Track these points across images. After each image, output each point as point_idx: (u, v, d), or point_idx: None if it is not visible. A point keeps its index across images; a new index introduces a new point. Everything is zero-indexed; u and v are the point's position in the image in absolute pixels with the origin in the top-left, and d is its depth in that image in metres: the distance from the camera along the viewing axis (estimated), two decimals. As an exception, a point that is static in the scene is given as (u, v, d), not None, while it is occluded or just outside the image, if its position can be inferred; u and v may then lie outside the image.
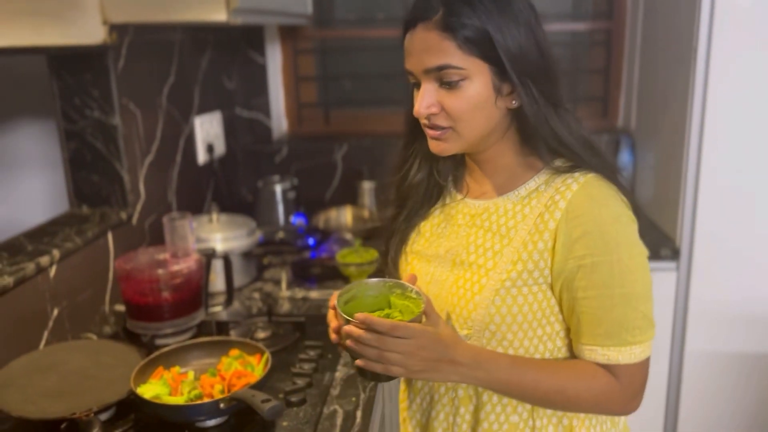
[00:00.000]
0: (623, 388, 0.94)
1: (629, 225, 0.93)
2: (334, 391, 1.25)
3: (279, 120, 2.66)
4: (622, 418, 1.09)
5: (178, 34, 2.03)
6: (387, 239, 1.15)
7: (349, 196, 2.47)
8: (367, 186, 2.40)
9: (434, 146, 0.98)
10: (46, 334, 1.39)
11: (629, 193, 0.97)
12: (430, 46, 0.90)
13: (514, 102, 0.94)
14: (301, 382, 1.24)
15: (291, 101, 2.68)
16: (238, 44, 2.50)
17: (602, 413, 1.00)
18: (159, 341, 1.41)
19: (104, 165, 1.69)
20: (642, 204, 2.35)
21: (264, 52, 2.54)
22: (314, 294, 1.71)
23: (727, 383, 2.06)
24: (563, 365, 0.97)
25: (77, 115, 1.65)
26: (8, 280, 1.27)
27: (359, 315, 0.86)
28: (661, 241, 2.05)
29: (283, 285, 1.77)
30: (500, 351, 0.98)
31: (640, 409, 1.01)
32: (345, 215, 2.35)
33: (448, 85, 0.91)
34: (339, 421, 1.16)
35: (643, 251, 0.94)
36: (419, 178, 1.08)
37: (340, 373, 1.31)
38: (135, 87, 1.74)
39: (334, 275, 1.81)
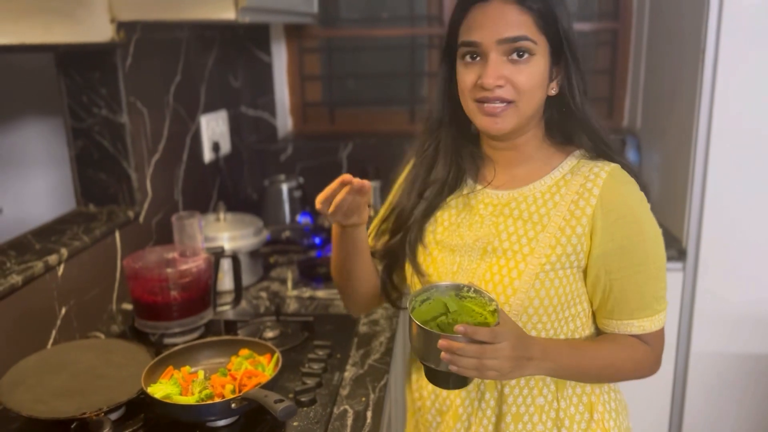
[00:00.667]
0: (654, 352, 1.04)
1: (648, 207, 1.01)
2: (344, 391, 1.25)
3: (284, 119, 2.66)
4: (620, 386, 1.15)
5: (184, 32, 2.02)
6: (398, 229, 1.12)
7: (354, 195, 2.46)
8: (372, 185, 2.39)
9: (490, 123, 0.98)
10: (54, 332, 1.39)
11: (642, 180, 1.03)
12: (508, 18, 0.94)
13: (553, 90, 1.00)
14: (310, 382, 1.24)
15: (296, 100, 2.67)
16: (243, 43, 2.50)
17: (637, 378, 1.06)
18: (167, 340, 1.40)
19: (112, 163, 1.68)
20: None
21: (270, 50, 2.54)
22: (321, 293, 1.71)
23: (732, 384, 2.05)
24: (607, 342, 1.03)
25: (85, 113, 1.65)
26: (17, 278, 1.27)
27: (459, 327, 0.86)
28: (668, 241, 2.03)
29: (290, 284, 1.77)
30: (534, 333, 1.01)
31: (645, 410, 1.06)
32: (350, 214, 2.34)
33: (519, 56, 0.94)
34: (350, 421, 1.16)
35: (660, 230, 1.01)
36: (444, 174, 1.08)
37: (349, 373, 1.31)
38: (142, 85, 1.74)
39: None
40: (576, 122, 1.02)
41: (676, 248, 2.00)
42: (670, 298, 1.04)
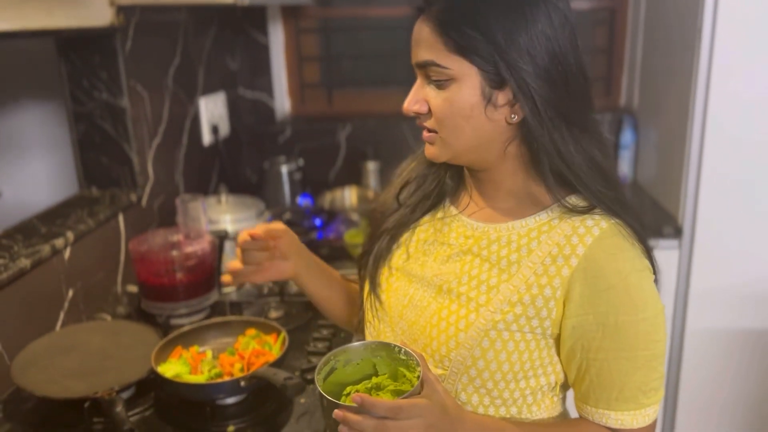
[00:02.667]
0: None
1: (650, 279, 0.84)
2: (349, 369, 1.27)
3: (282, 100, 2.66)
4: None
5: (182, 14, 2.02)
6: (373, 233, 1.02)
7: (353, 176, 2.48)
8: (371, 166, 2.41)
9: (426, 149, 0.90)
10: (62, 315, 1.41)
11: (646, 238, 0.86)
12: (421, 39, 0.83)
13: (513, 116, 0.82)
14: (316, 360, 1.26)
15: (294, 81, 2.67)
16: (240, 24, 2.50)
17: None
18: (174, 321, 1.43)
19: (113, 147, 1.69)
20: (644, 183, 2.38)
21: (266, 31, 2.53)
22: (323, 274, 1.73)
23: (728, 360, 2.09)
24: (571, 430, 0.89)
25: (86, 97, 1.66)
26: (25, 262, 1.28)
27: (355, 396, 0.71)
28: (664, 219, 2.08)
29: (292, 265, 1.79)
30: (476, 399, 0.87)
31: None
32: (350, 196, 2.36)
33: (436, 82, 0.83)
34: (355, 398, 1.19)
35: (662, 307, 0.85)
36: (430, 188, 0.98)
37: (354, 351, 1.34)
38: (142, 68, 1.74)
39: (342, 256, 1.83)
40: (543, 160, 0.84)
41: (672, 226, 2.03)
42: (665, 277, 0.87)
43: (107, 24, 1.59)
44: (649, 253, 0.86)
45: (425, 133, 0.88)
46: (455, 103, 0.82)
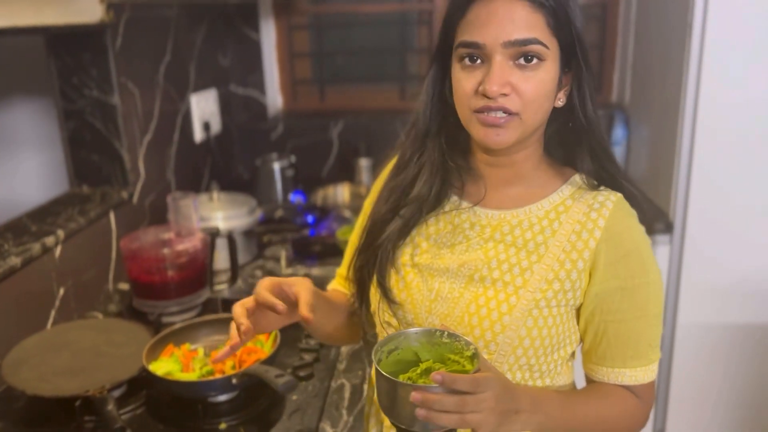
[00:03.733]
0: (645, 405, 0.94)
1: (651, 245, 0.92)
2: (341, 366, 1.28)
3: (274, 97, 2.66)
4: None
5: (173, 10, 2.02)
6: (368, 247, 0.98)
7: (345, 173, 2.49)
8: (363, 163, 2.41)
9: (490, 135, 0.85)
10: (53, 313, 1.41)
11: (645, 211, 0.93)
12: (517, 18, 0.81)
13: (560, 101, 0.88)
14: (308, 357, 1.27)
15: (286, 78, 2.67)
16: (232, 20, 2.49)
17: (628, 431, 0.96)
18: (165, 319, 1.43)
19: (104, 144, 1.69)
20: (636, 178, 2.38)
21: (258, 28, 2.53)
22: (316, 271, 1.73)
23: (718, 354, 2.11)
24: (598, 394, 0.93)
25: (76, 94, 1.65)
26: (16, 260, 1.28)
27: (435, 375, 0.71)
28: (655, 214, 2.09)
29: (283, 263, 1.79)
30: (519, 377, 0.91)
31: None
32: (342, 192, 2.36)
33: (527, 61, 0.82)
34: (347, 394, 1.19)
35: (660, 270, 0.92)
36: (426, 191, 0.95)
37: (346, 348, 1.34)
38: (133, 65, 1.74)
39: (335, 252, 1.83)
40: (583, 139, 0.90)
41: (663, 221, 2.04)
42: None
43: (97, 21, 1.58)
44: (645, 218, 0.93)
45: (496, 117, 0.84)
46: (546, 83, 0.84)
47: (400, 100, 2.67)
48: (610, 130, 2.44)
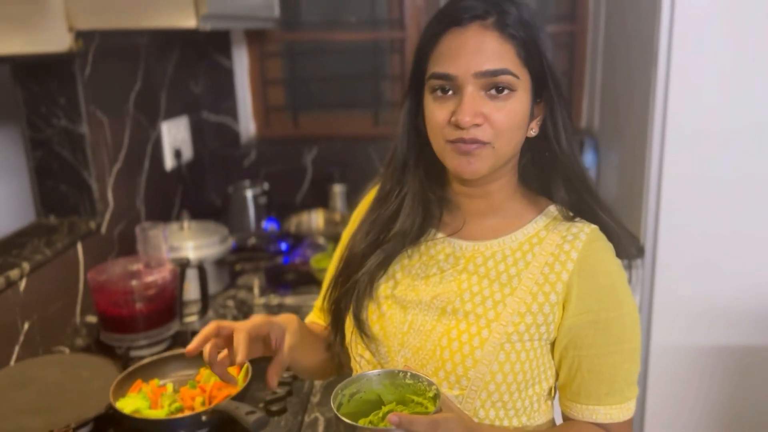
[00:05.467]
0: None
1: (626, 279, 0.91)
2: (315, 399, 1.26)
3: (247, 124, 2.65)
4: None
5: (144, 38, 2.00)
6: (346, 280, 0.97)
7: (320, 199, 2.47)
8: (337, 189, 2.40)
9: (463, 164, 0.85)
10: (17, 348, 1.37)
11: (623, 244, 0.93)
12: (487, 48, 0.82)
13: (533, 131, 0.89)
14: (280, 390, 1.24)
15: (259, 104, 2.66)
16: (203, 48, 2.48)
17: None
18: (134, 353, 1.39)
19: (72, 174, 1.66)
20: (606, 203, 2.41)
21: (230, 55, 2.52)
22: (289, 300, 1.71)
23: (692, 376, 2.12)
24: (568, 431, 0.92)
25: (43, 123, 1.62)
26: (-22, 295, 1.24)
27: (392, 416, 0.70)
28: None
29: (256, 291, 1.76)
30: (493, 413, 0.88)
31: None
32: (317, 219, 2.35)
33: (498, 93, 0.83)
34: (321, 428, 1.17)
35: (636, 304, 0.92)
36: (408, 224, 0.94)
37: (320, 381, 1.32)
38: (102, 94, 1.72)
39: (308, 281, 1.81)
40: (558, 169, 0.90)
41: (635, 245, 2.05)
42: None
43: (65, 49, 1.57)
44: (623, 251, 0.92)
45: (471, 146, 0.84)
46: (517, 113, 0.84)
47: (374, 126, 2.68)
48: (580, 155, 2.46)
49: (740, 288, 2.04)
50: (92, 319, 1.61)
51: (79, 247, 1.62)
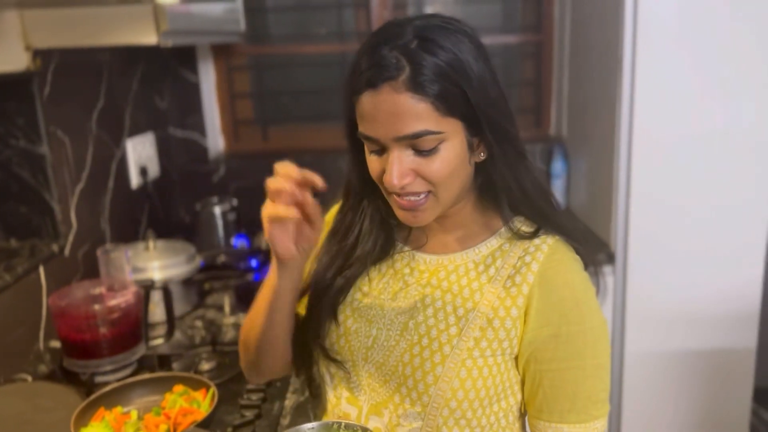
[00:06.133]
0: None
1: (593, 291, 0.89)
2: (284, 421, 1.23)
3: (215, 139, 2.62)
4: None
5: (106, 55, 1.97)
6: (311, 303, 0.95)
7: (290, 213, 2.45)
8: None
9: (408, 218, 0.85)
10: (-25, 378, 1.33)
11: (587, 254, 0.90)
12: (401, 111, 0.77)
13: (482, 155, 0.86)
14: (249, 414, 1.22)
15: (227, 119, 2.63)
16: (169, 63, 2.45)
17: None
18: (98, 379, 1.36)
19: (32, 196, 1.62)
20: (576, 211, 2.42)
21: (196, 70, 2.50)
22: (259, 318, 1.68)
23: (667, 380, 2.13)
24: None
25: (1, 144, 1.59)
26: (-68, 325, 1.20)
27: None
28: (596, 246, 2.12)
29: (227, 310, 1.73)
30: (456, 431, 0.87)
31: None
32: (287, 234, 2.32)
33: (424, 151, 0.80)
34: (290, 451, 1.14)
35: (605, 319, 0.89)
36: (371, 247, 0.94)
37: (290, 401, 1.29)
38: (62, 113, 1.68)
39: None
40: (507, 187, 0.88)
41: (605, 252, 2.07)
42: (602, 301, 0.89)
43: (23, 69, 1.53)
44: (590, 264, 0.90)
45: (411, 201, 0.82)
46: (451, 162, 0.81)
47: (344, 138, 2.66)
48: (549, 163, 2.48)
49: (709, 292, 2.06)
50: (56, 343, 1.57)
51: (41, 270, 1.57)
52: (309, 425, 0.79)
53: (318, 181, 0.82)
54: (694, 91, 1.92)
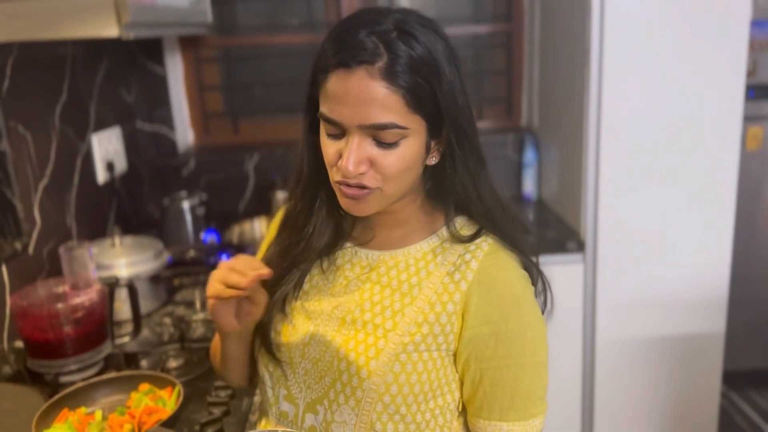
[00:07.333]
0: None
1: (532, 290, 0.90)
2: (253, 417, 1.22)
3: (184, 132, 2.58)
4: None
5: (68, 48, 1.93)
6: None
7: (262, 206, 2.43)
8: (280, 196, 2.36)
9: (351, 206, 0.85)
10: (-65, 382, 1.29)
11: (530, 261, 0.91)
12: (372, 99, 0.77)
13: (433, 159, 0.86)
14: (217, 411, 1.20)
15: (196, 112, 2.60)
16: (134, 56, 2.41)
17: None
18: (63, 378, 1.33)
19: (-7, 193, 1.58)
20: (547, 200, 2.44)
21: (163, 62, 2.46)
22: (229, 313, 1.67)
23: (638, 366, 2.16)
24: None
25: (-42, 141, 1.54)
26: None
27: None
28: (567, 234, 2.13)
29: (198, 305, 1.71)
30: (390, 427, 0.87)
31: (557, 400, 0.99)
32: (260, 227, 2.31)
33: (384, 143, 0.80)
34: (258, 448, 1.13)
35: (542, 317, 0.90)
36: (323, 241, 0.94)
37: (258, 397, 1.28)
38: (23, 108, 1.64)
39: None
40: (460, 192, 0.88)
41: (575, 240, 2.08)
42: (572, 289, 0.94)
43: (-21, 63, 1.49)
44: (531, 269, 0.91)
45: (357, 191, 0.82)
46: (407, 158, 0.81)
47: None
48: (521, 153, 2.49)
49: (678, 278, 2.09)
50: (21, 344, 1.54)
51: (4, 269, 1.54)
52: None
53: (266, 273, 0.84)
54: (660, 81, 1.94)
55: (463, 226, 0.91)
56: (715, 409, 2.21)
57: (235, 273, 0.84)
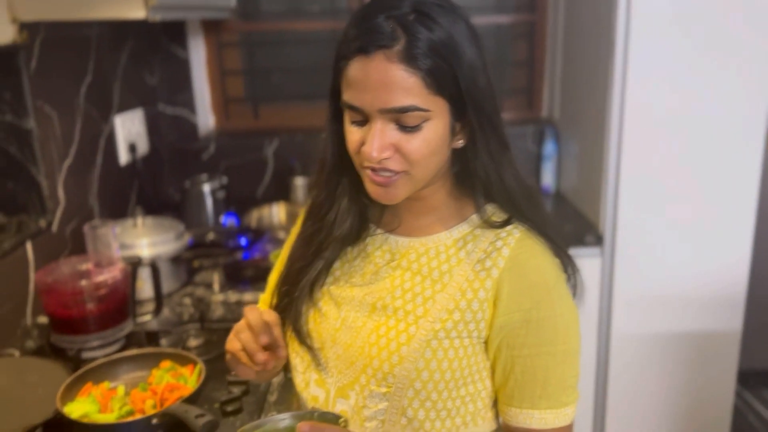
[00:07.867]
0: None
1: (564, 279, 0.89)
2: (272, 397, 1.24)
3: (205, 116, 2.60)
4: None
5: (94, 29, 1.94)
6: (289, 290, 0.96)
7: (281, 192, 2.44)
8: (299, 182, 2.38)
9: (380, 193, 0.84)
10: (-38, 353, 1.32)
11: (560, 249, 0.90)
12: (392, 83, 0.76)
13: (461, 142, 0.85)
14: (236, 390, 1.22)
15: (217, 96, 2.61)
16: (158, 38, 2.42)
17: None
18: (86, 354, 1.36)
19: (19, 171, 1.60)
20: (566, 193, 2.43)
21: (186, 46, 2.47)
22: (248, 296, 1.69)
23: (652, 362, 2.16)
24: None
25: (-13, 119, 1.56)
26: None
27: (302, 425, 0.71)
28: (585, 227, 2.13)
29: (216, 288, 1.73)
30: (422, 413, 0.87)
31: None
32: (278, 212, 2.32)
33: (408, 127, 0.79)
34: (277, 428, 1.15)
35: (575, 306, 0.89)
36: (347, 229, 0.93)
37: (277, 378, 1.30)
38: (50, 87, 1.66)
39: (268, 276, 1.78)
40: (485, 177, 0.87)
41: (594, 234, 2.08)
42: (590, 283, 0.92)
43: (9, 42, 1.51)
44: (562, 256, 0.89)
45: (382, 177, 0.82)
46: (432, 142, 0.80)
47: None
48: (540, 145, 2.48)
49: (696, 275, 2.07)
50: (44, 319, 1.57)
51: (29, 246, 1.57)
52: (282, 416, 0.78)
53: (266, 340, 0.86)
54: (686, 74, 1.92)
55: (493, 213, 0.90)
56: (728, 407, 2.20)
57: (247, 333, 0.86)
